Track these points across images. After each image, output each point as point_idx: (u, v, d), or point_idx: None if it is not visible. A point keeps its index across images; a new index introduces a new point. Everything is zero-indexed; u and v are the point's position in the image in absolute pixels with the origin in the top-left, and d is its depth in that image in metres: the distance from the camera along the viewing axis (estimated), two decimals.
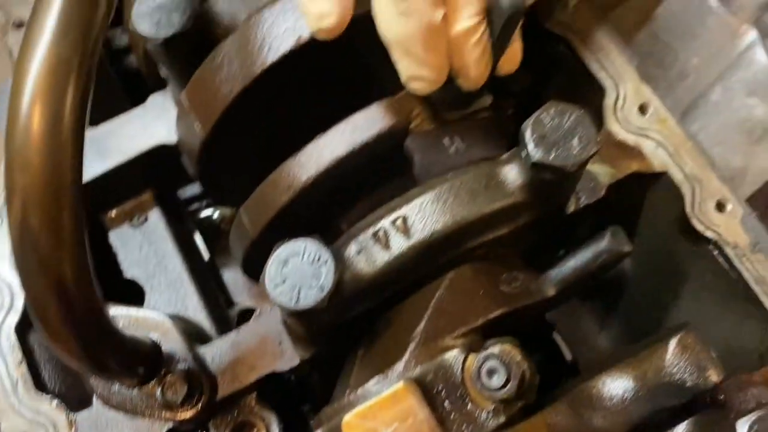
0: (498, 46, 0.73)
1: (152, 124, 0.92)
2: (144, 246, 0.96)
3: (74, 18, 0.54)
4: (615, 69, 0.92)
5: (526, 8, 0.71)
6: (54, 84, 0.53)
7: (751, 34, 1.10)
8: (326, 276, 0.63)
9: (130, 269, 0.95)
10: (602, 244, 0.80)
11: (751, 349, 0.85)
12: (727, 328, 0.87)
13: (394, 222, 0.68)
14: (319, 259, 0.63)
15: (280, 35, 0.73)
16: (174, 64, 0.80)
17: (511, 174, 0.72)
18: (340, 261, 0.65)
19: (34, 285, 0.56)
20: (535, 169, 0.69)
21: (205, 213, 1.18)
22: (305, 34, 0.72)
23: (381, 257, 0.68)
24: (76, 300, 0.57)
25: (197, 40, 0.77)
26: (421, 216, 0.68)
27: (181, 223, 1.03)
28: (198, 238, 1.13)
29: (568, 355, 1.08)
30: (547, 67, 0.97)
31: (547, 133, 0.68)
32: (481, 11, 0.69)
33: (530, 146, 0.67)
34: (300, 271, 0.63)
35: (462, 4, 0.69)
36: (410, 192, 0.72)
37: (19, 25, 0.99)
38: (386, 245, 0.68)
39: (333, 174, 0.72)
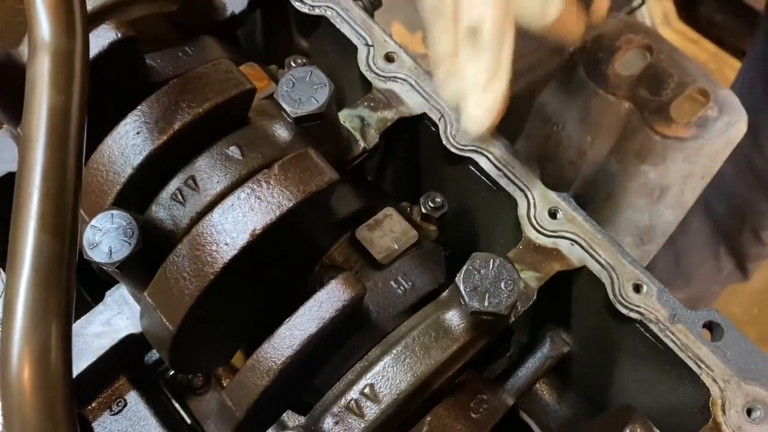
0: None
1: (115, 320, 0.97)
2: (128, 430, 1.00)
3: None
4: (521, 181, 1.03)
5: None
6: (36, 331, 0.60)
7: (631, 109, 1.24)
8: None
9: None
10: (545, 350, 0.91)
11: (690, 405, 0.96)
12: (666, 389, 0.99)
13: (362, 391, 0.76)
14: None
15: (232, 232, 0.80)
16: (130, 277, 0.86)
17: (454, 320, 0.81)
18: None
19: None
20: (474, 315, 0.78)
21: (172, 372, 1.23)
22: (258, 227, 0.80)
23: (358, 426, 0.75)
24: None
25: (147, 251, 0.83)
26: (385, 381, 0.77)
27: (157, 394, 1.08)
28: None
29: (537, 430, 1.17)
30: (462, 188, 1.08)
31: (477, 283, 0.78)
32: None
33: (466, 298, 0.77)
34: None
35: None
36: (372, 354, 0.80)
37: None
38: (360, 414, 0.76)
39: (306, 351, 0.79)
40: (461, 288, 0.77)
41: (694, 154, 1.23)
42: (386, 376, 0.77)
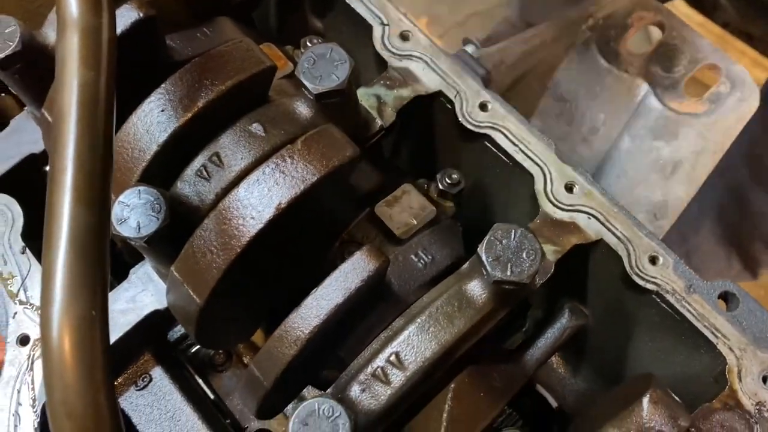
0: None
1: (140, 296, 0.99)
2: (154, 405, 1.02)
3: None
4: (537, 156, 1.04)
5: None
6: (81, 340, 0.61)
7: (644, 86, 1.25)
8: (343, 427, 0.72)
9: (146, 430, 1.01)
10: (564, 321, 0.92)
11: (705, 374, 0.98)
12: (682, 359, 1.00)
13: (388, 359, 0.78)
14: (333, 414, 0.72)
15: (258, 206, 0.82)
16: (158, 252, 0.87)
17: (476, 290, 0.82)
18: (349, 406, 0.74)
19: None
20: (497, 284, 0.80)
21: (195, 348, 1.25)
22: (283, 200, 0.81)
23: (385, 393, 0.77)
24: None
25: (174, 226, 0.85)
26: (410, 348, 0.78)
27: (180, 370, 1.10)
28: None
29: (553, 403, 1.19)
30: (478, 165, 1.09)
31: (500, 253, 0.79)
32: None
33: (488, 267, 0.78)
34: (319, 427, 0.72)
35: None
36: (396, 324, 0.82)
37: None
38: (386, 381, 0.77)
39: (332, 320, 0.81)
40: (483, 258, 0.78)
41: (706, 129, 1.24)
42: (411, 344, 0.79)
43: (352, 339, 0.87)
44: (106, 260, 0.67)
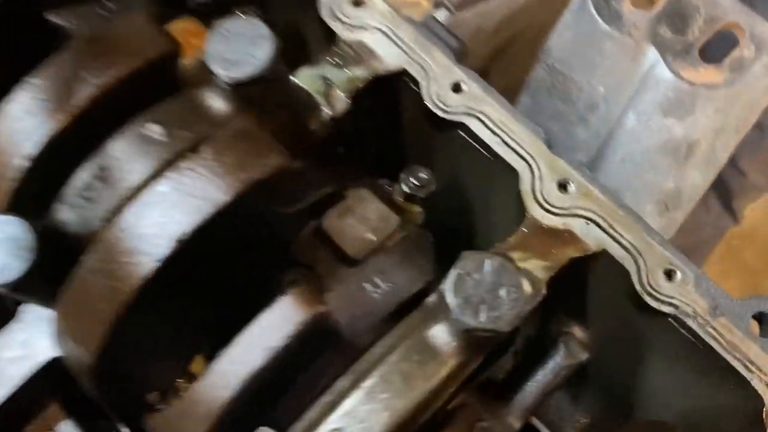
0: None
1: (34, 340, 0.81)
2: None
3: None
4: (522, 148, 0.84)
5: None
6: None
7: (651, 53, 1.05)
8: None
9: None
10: (558, 359, 0.74)
11: (736, 413, 0.80)
12: (707, 393, 0.82)
13: None
14: None
15: (152, 238, 0.63)
16: (32, 297, 0.69)
17: (442, 337, 0.63)
18: None
19: None
20: (465, 331, 0.61)
21: None
22: (185, 230, 0.62)
23: None
24: None
25: (49, 265, 0.66)
26: (356, 422, 0.60)
27: (95, 421, 0.92)
28: None
29: None
30: (451, 160, 0.89)
31: (470, 291, 0.60)
32: None
33: (457, 313, 0.59)
34: None
35: None
36: (339, 385, 0.63)
37: None
38: None
39: (253, 387, 0.63)
40: (449, 301, 0.59)
41: (727, 103, 1.04)
42: (357, 417, 0.60)
43: (290, 397, 0.69)
44: None
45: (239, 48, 0.69)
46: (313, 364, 0.70)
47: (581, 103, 1.10)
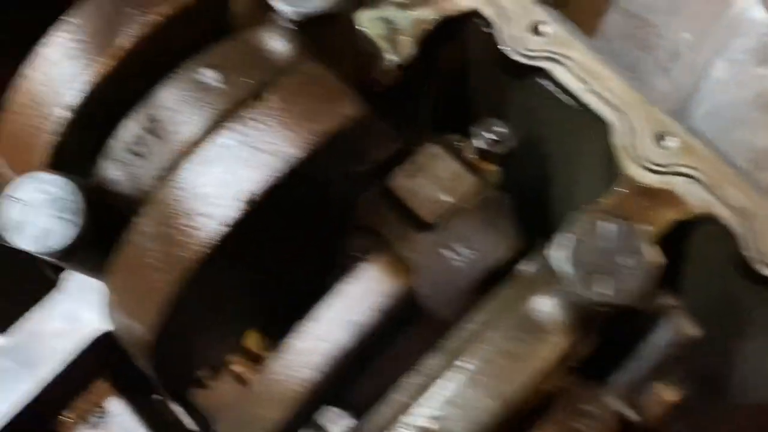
0: None
1: (80, 311, 0.74)
2: None
3: None
4: (615, 96, 0.75)
5: None
6: None
7: None
8: None
9: None
10: (664, 334, 0.65)
11: None
12: None
13: (424, 428, 0.52)
14: None
15: (217, 199, 0.55)
16: (78, 265, 0.62)
17: (548, 312, 0.55)
18: None
19: None
20: (579, 305, 0.52)
21: None
22: (255, 190, 0.55)
23: None
24: None
25: (99, 229, 0.58)
26: (456, 410, 0.52)
27: (148, 397, 0.86)
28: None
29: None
30: (530, 113, 0.80)
31: (583, 258, 0.52)
32: None
33: (567, 282, 0.51)
34: None
35: None
36: (430, 364, 0.55)
37: None
38: None
39: (335, 370, 0.55)
40: (561, 269, 0.51)
41: None
42: (459, 405, 0.52)
43: (366, 382, 0.61)
44: None
45: None
46: (393, 340, 0.63)
47: (662, 51, 1.00)
